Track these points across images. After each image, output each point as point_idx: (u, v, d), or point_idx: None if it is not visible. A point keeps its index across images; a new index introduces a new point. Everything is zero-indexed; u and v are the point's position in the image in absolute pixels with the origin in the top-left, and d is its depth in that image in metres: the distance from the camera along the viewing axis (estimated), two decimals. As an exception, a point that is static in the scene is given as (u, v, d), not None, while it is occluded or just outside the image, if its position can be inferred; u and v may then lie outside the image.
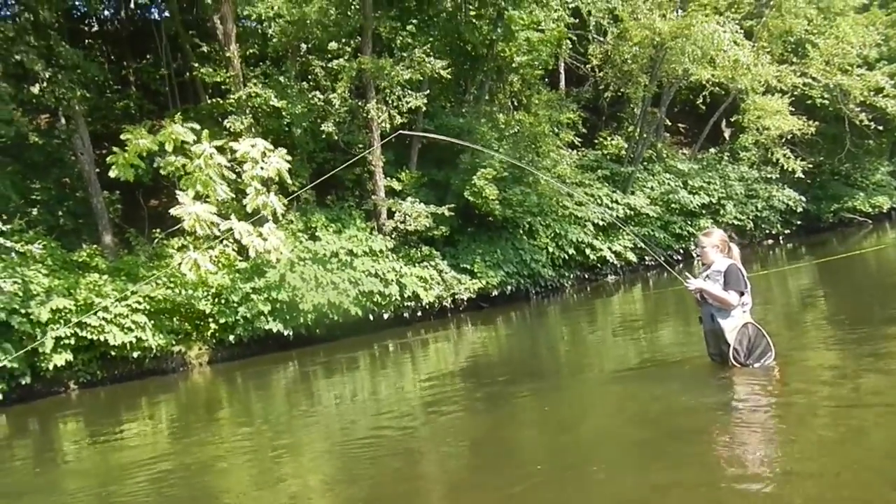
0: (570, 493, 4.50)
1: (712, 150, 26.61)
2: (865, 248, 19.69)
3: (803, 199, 25.81)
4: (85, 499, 6.21)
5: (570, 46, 22.98)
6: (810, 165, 25.69)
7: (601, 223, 20.27)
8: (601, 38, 23.82)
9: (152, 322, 13.13)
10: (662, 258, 9.69)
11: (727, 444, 4.95)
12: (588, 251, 19.54)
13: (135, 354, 12.94)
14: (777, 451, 4.67)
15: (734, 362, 6.50)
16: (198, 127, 13.57)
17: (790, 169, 24.74)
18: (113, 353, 12.78)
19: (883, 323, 8.55)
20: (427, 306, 16.31)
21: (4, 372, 11.71)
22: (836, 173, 28.37)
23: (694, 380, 6.87)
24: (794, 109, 24.92)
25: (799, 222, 26.49)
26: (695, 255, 6.96)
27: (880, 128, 25.78)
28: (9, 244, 12.64)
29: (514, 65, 20.32)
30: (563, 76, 25.24)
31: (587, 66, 24.35)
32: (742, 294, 6.45)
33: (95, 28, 21.71)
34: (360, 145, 17.42)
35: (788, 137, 25.03)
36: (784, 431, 4.99)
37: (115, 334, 12.52)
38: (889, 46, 28.15)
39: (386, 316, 15.56)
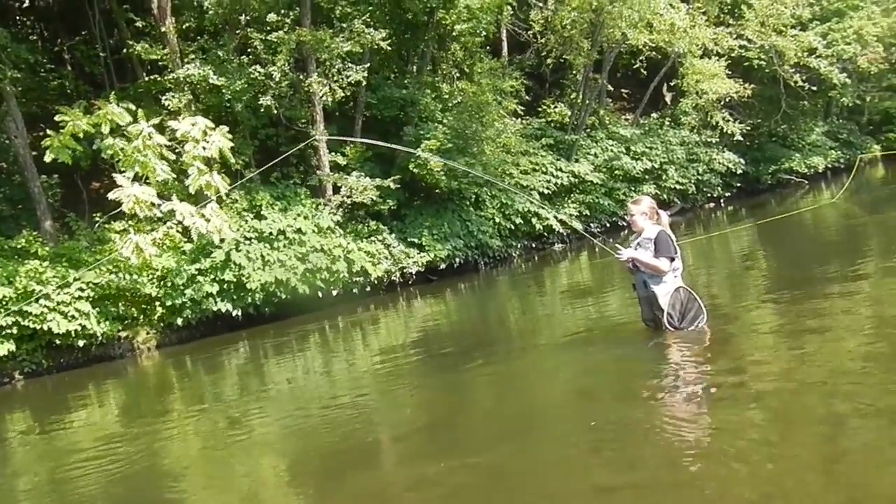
0: (517, 458, 4.68)
1: (654, 115, 26.98)
2: (803, 208, 20.34)
3: (742, 161, 26.44)
4: (33, 491, 6.19)
5: (512, 13, 22.96)
6: (748, 128, 26.32)
7: (547, 192, 20.48)
8: (541, 4, 23.84)
9: (97, 309, 12.92)
10: (598, 237, 9.94)
11: (661, 409, 5.14)
12: (534, 220, 19.76)
13: (80, 342, 12.74)
14: (705, 415, 4.89)
15: (668, 326, 6.71)
16: (133, 107, 13.33)
17: (729, 132, 25.31)
18: (58, 342, 12.56)
19: (821, 282, 8.84)
20: (376, 281, 16.36)
21: (-56, 364, 11.45)
22: (773, 135, 29.08)
23: (631, 344, 7.11)
24: (731, 72, 25.41)
25: (739, 185, 27.14)
26: (627, 221, 7.13)
27: (814, 88, 26.45)
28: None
29: (455, 33, 20.27)
30: (504, 44, 25.21)
31: (529, 32, 24.39)
32: (672, 260, 6.64)
33: (26, 4, 20.86)
34: (303, 120, 17.27)
35: (727, 101, 25.54)
36: (714, 397, 5.20)
37: (59, 322, 12.30)
38: (821, 6, 28.86)
39: (335, 292, 15.58)
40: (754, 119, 27.62)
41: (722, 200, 26.68)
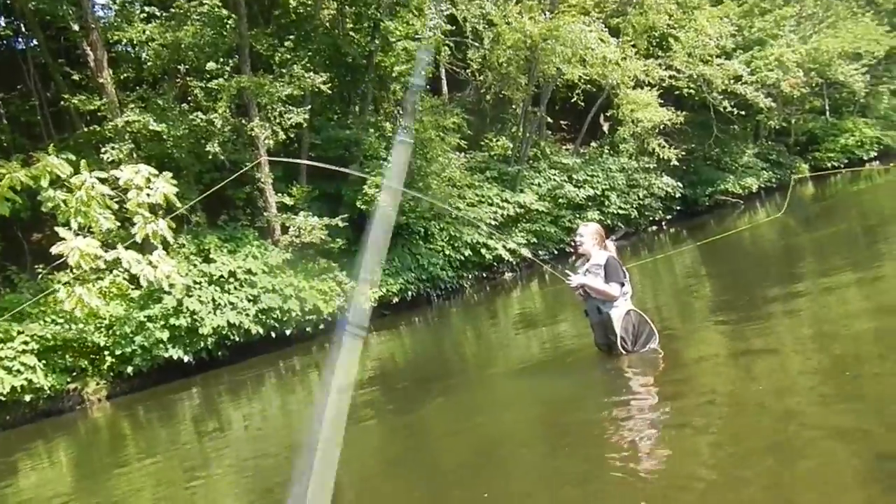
0: (480, 491, 4.68)
1: (593, 143, 27.72)
2: (740, 228, 21.02)
3: (680, 185, 27.31)
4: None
5: (449, 52, 23.49)
6: (683, 153, 27.15)
7: (494, 223, 20.80)
8: (478, 44, 24.42)
9: (43, 362, 12.61)
10: (548, 264, 10.14)
11: (617, 435, 5.18)
12: (483, 251, 20.00)
13: (27, 397, 12.38)
14: (660, 441, 4.96)
15: (622, 349, 6.76)
16: (73, 158, 13.19)
17: (665, 157, 26.07)
18: (3, 399, 12.18)
19: (763, 302, 8.94)
20: (329, 318, 16.31)
21: None
22: (707, 159, 30.14)
23: (588, 370, 7.17)
24: (663, 101, 26.30)
25: (678, 207, 27.99)
26: (574, 244, 7.19)
27: (742, 113, 27.52)
28: None
29: (394, 74, 20.62)
30: (444, 81, 25.72)
31: (467, 70, 24.94)
32: (622, 284, 6.73)
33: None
34: (247, 163, 17.24)
35: (661, 128, 26.38)
36: (669, 419, 5.30)
37: (3, 379, 11.96)
38: (743, 35, 30.17)
39: (288, 332, 15.48)
40: (689, 144, 28.61)
41: (663, 223, 27.44)
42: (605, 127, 28.80)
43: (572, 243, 7.18)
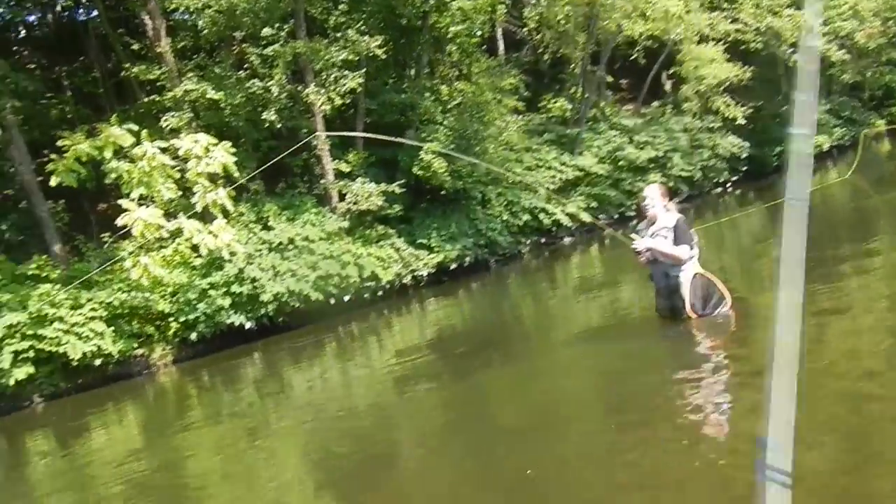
0: (540, 456, 4.61)
1: (655, 103, 26.93)
2: (810, 189, 20.17)
3: (747, 144, 26.29)
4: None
5: (505, 11, 22.97)
6: (750, 111, 26.18)
7: (552, 187, 20.45)
8: (534, 1, 23.84)
9: (111, 328, 12.96)
10: (608, 227, 9.87)
11: (678, 403, 5.03)
12: (542, 216, 19.70)
13: (97, 362, 12.77)
14: (728, 405, 4.81)
15: (692, 314, 6.52)
16: (136, 127, 13.41)
17: (731, 116, 25.21)
18: (74, 363, 12.59)
19: (833, 262, 8.61)
20: (387, 285, 16.34)
21: (-36, 392, 11.51)
22: (775, 116, 28.78)
23: (651, 336, 6.99)
24: (729, 56, 25.32)
25: (745, 168, 26.98)
26: (642, 207, 6.87)
27: (814, 67, 26.29)
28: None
29: (450, 35, 20.28)
30: (500, 42, 25.23)
31: (524, 29, 24.39)
32: (691, 247, 6.49)
33: (23, 35, 21.06)
34: (304, 130, 17.28)
35: (727, 85, 25.44)
36: (734, 386, 5.11)
37: (74, 344, 12.34)
38: (816, -17, 28.70)
39: (347, 299, 15.56)
40: (755, 101, 27.46)
41: (729, 185, 26.56)
42: (668, 85, 27.94)
43: (641, 206, 6.86)
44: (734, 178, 26.61)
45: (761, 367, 5.18)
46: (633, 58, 25.30)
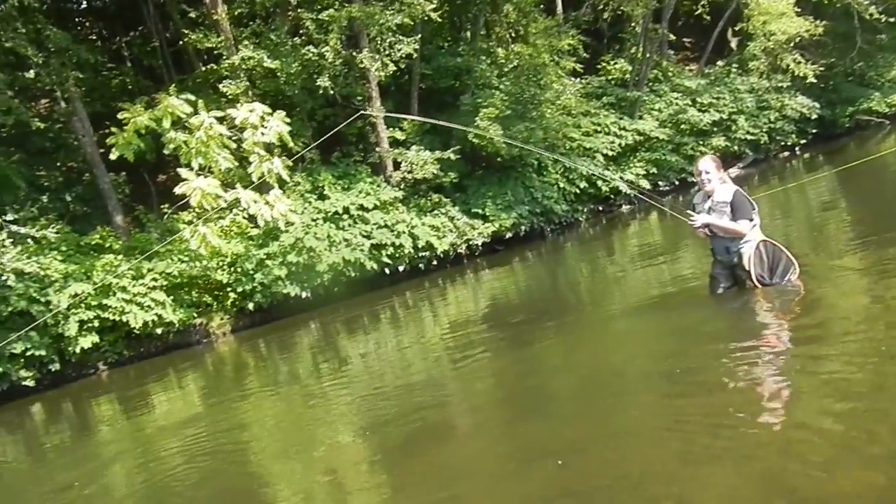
0: (595, 428, 4.57)
1: (720, 62, 25.91)
2: (883, 151, 19.25)
3: (817, 105, 25.01)
4: (124, 474, 6.38)
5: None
6: (822, 69, 24.91)
7: (611, 153, 19.95)
8: (595, -43, 23.05)
9: (171, 298, 13.27)
10: (666, 204, 9.55)
11: (736, 378, 4.84)
12: (600, 182, 19.27)
13: (158, 331, 13.12)
14: (784, 384, 4.60)
15: (758, 284, 6.35)
16: (193, 98, 13.49)
17: (801, 74, 24.02)
18: (137, 332, 12.95)
19: None
20: (441, 255, 16.27)
21: (34, 360, 11.94)
22: (849, 74, 27.46)
23: (711, 307, 6.78)
24: (800, 10, 24.08)
25: (814, 130, 25.70)
26: (700, 182, 6.58)
27: (892, 20, 24.80)
28: (24, 230, 12.72)
29: (507, -5, 19.82)
30: (558, 1, 24.55)
31: (583, -14, 23.64)
32: (751, 219, 6.29)
33: (84, 5, 21.39)
34: (359, 97, 17.18)
35: (797, 41, 24.22)
36: (796, 364, 4.89)
37: (136, 314, 12.67)
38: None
39: (401, 269, 15.58)
40: (828, 58, 26.10)
41: (797, 148, 25.42)
42: (734, 43, 26.75)
43: (698, 180, 6.58)
44: (802, 141, 25.42)
45: (828, 339, 4.99)
46: (696, 14, 24.33)
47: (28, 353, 11.73)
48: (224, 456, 6.10)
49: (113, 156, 13.01)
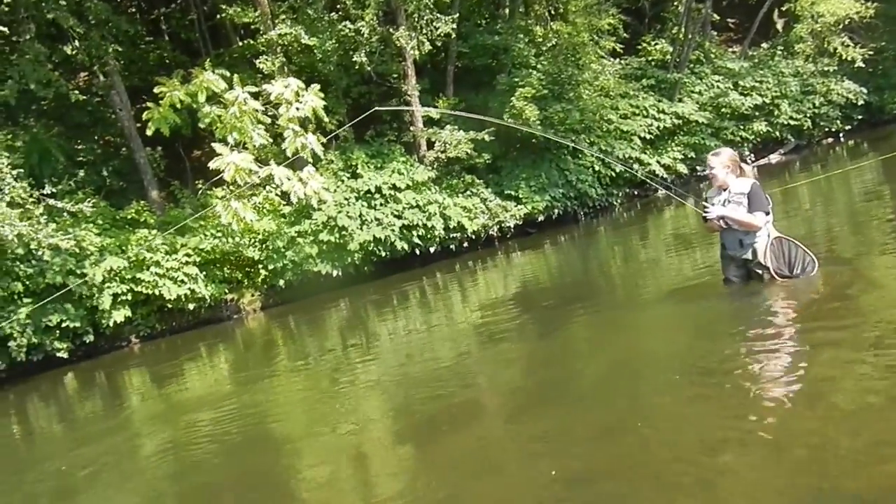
0: (623, 414, 4.51)
1: (764, 45, 25.25)
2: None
3: (864, 90, 24.21)
4: (155, 447, 6.45)
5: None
6: (871, 53, 24.12)
7: (649, 136, 19.60)
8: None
9: (204, 273, 13.41)
10: (685, 196, 9.31)
11: (781, 365, 4.71)
12: (636, 166, 18.94)
13: (190, 306, 13.28)
14: (818, 367, 4.45)
15: (777, 277, 6.22)
16: (228, 74, 13.52)
17: (849, 58, 23.34)
18: (169, 306, 13.11)
19: None
20: (473, 236, 16.18)
21: (68, 331, 12.15)
22: (900, 59, 26.61)
23: (745, 297, 6.58)
24: (850, -9, 23.35)
25: (860, 117, 24.95)
26: (713, 177, 6.42)
27: (947, 3, 23.95)
28: (60, 205, 12.90)
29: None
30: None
31: (626, -38, 23.15)
32: (768, 213, 6.17)
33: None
34: (394, 75, 17.09)
35: (846, 23, 23.48)
36: (826, 359, 4.73)
37: (170, 287, 12.83)
38: None
39: (432, 249, 15.52)
40: (878, 42, 25.25)
41: (841, 135, 24.73)
42: (780, 24, 26.03)
43: (707, 174, 6.45)
44: (847, 128, 24.72)
45: (860, 331, 4.82)
46: (743, -7, 23.76)
47: (63, 325, 11.93)
48: (249, 433, 6.13)
49: (149, 130, 13.11)
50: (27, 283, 11.73)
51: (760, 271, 6.28)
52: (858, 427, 3.49)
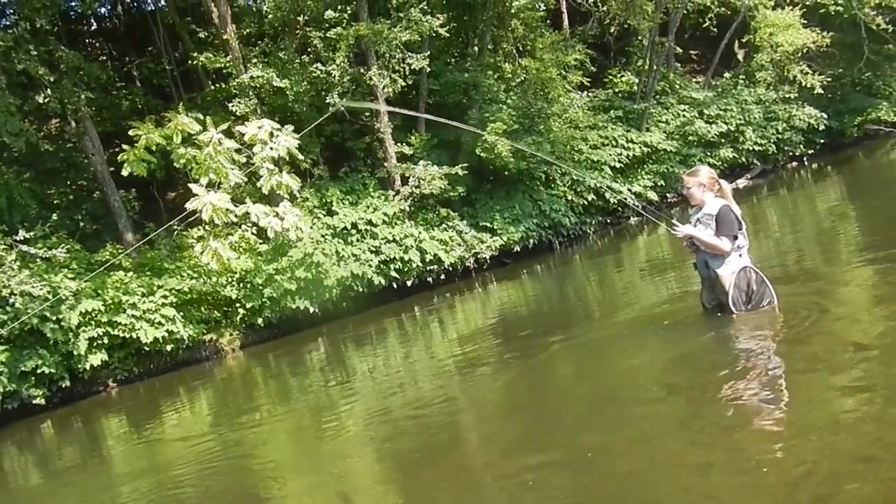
0: (605, 440, 4.56)
1: (726, 74, 25.92)
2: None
3: (825, 115, 24.90)
4: (135, 492, 6.36)
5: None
6: (829, 79, 24.86)
7: (619, 165, 19.95)
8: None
9: (181, 314, 13.33)
10: (655, 213, 9.48)
11: (765, 387, 4.78)
12: (608, 194, 19.26)
13: (168, 347, 13.16)
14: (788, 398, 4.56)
15: (734, 309, 6.14)
16: (202, 116, 13.61)
17: (808, 85, 24.00)
18: (147, 349, 13.00)
19: None
20: (450, 268, 16.29)
21: (44, 377, 11.97)
22: (856, 84, 27.38)
23: (722, 324, 6.66)
24: (806, 21, 24.13)
25: (822, 140, 25.62)
26: (689, 195, 6.44)
27: (899, 30, 24.77)
28: (33, 251, 12.79)
29: (513, 10, 19.92)
30: (565, 15, 24.69)
31: (589, 1, 23.74)
32: (735, 238, 6.04)
33: (94, 27, 21.68)
34: (367, 114, 17.28)
35: (804, 52, 24.21)
36: (805, 378, 4.82)
37: (146, 330, 12.73)
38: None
39: (409, 283, 15.60)
40: (835, 69, 26.07)
41: (805, 158, 25.38)
42: (740, 55, 26.77)
43: (683, 193, 6.50)
44: (810, 152, 25.35)
45: (841, 350, 4.92)
46: (703, 26, 24.43)
47: (39, 371, 11.77)
48: (235, 474, 6.08)
49: (124, 172, 13.00)
50: (0, 330, 11.58)
51: (723, 298, 6.20)
52: (850, 448, 3.54)
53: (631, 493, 3.71)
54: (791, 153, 24.92)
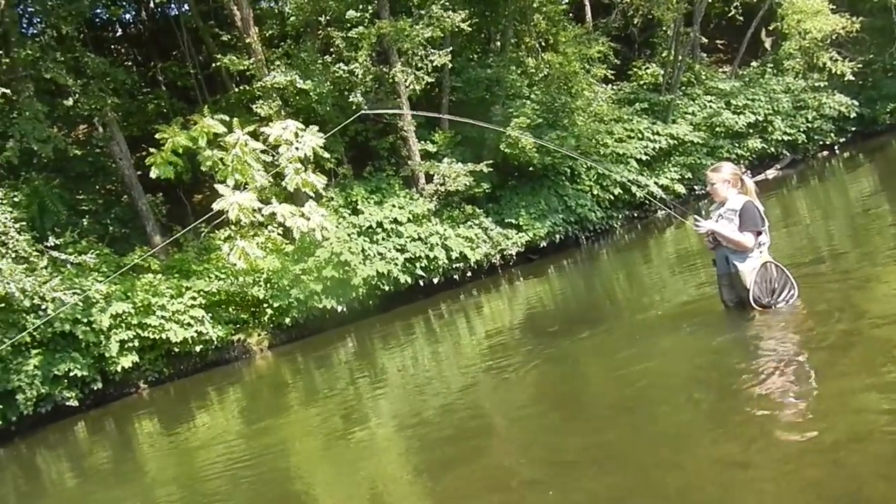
0: (634, 436, 4.53)
1: (754, 63, 25.53)
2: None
3: (856, 103, 24.43)
4: (167, 494, 6.41)
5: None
6: (860, 66, 24.38)
7: (645, 158, 19.75)
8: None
9: (210, 315, 13.43)
10: (676, 207, 9.33)
11: (792, 383, 4.70)
12: (634, 188, 19.07)
13: (197, 348, 13.28)
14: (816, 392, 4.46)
15: (755, 305, 6.03)
16: (227, 118, 13.71)
17: (838, 72, 23.56)
18: (176, 350, 13.12)
19: None
20: (476, 265, 16.24)
21: (77, 380, 12.13)
22: (888, 70, 26.79)
23: (756, 316, 6.51)
24: (835, 6, 23.65)
25: (854, 128, 25.15)
26: (714, 192, 6.33)
27: (931, 13, 24.22)
28: (63, 256, 12.95)
29: (535, 4, 19.75)
30: (588, 8, 24.47)
31: (612, -8, 23.54)
32: (759, 234, 5.96)
33: (119, 33, 21.95)
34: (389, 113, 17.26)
35: (833, 38, 23.75)
36: (834, 376, 4.72)
37: (176, 331, 12.86)
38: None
39: (436, 280, 15.58)
40: (866, 55, 25.53)
41: (836, 147, 24.91)
42: (768, 43, 26.35)
43: (706, 189, 6.40)
44: (841, 140, 24.87)
45: (869, 347, 4.80)
46: (729, 15, 24.06)
47: (71, 374, 11.93)
48: (265, 475, 6.08)
49: (152, 174, 13.23)
50: (35, 334, 11.75)
51: (744, 294, 6.11)
52: (876, 446, 3.47)
53: (655, 489, 3.69)
54: (822, 142, 24.45)
